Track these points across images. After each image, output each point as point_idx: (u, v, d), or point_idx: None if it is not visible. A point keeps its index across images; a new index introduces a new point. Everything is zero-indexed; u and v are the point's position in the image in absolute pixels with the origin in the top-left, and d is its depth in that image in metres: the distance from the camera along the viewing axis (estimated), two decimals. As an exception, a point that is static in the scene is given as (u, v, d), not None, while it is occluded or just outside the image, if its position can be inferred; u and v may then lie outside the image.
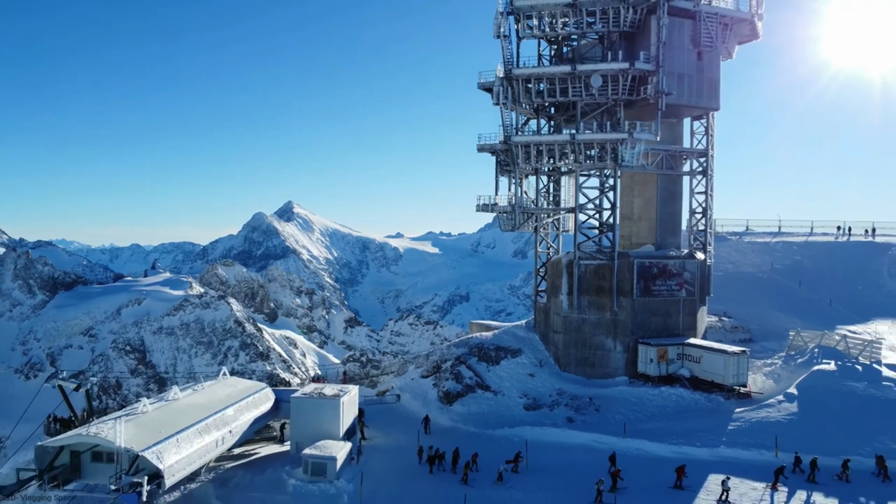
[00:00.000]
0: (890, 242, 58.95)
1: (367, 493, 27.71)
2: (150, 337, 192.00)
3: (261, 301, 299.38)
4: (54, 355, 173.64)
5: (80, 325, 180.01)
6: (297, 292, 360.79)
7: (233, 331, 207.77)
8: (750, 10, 41.44)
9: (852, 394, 33.73)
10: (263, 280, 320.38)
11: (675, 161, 43.06)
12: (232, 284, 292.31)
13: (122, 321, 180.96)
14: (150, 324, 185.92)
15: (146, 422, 26.08)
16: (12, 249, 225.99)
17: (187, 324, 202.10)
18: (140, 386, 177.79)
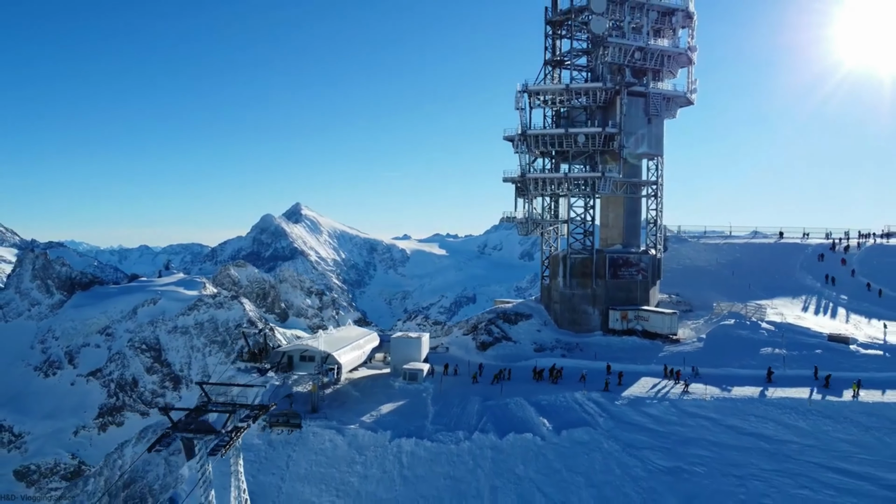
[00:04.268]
0: (808, 244, 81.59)
1: (440, 391, 50.14)
2: (165, 336, 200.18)
3: (272, 301, 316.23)
4: (72, 353, 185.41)
5: (97, 324, 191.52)
6: (308, 293, 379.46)
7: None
8: (686, 88, 64.40)
9: (738, 337, 56.25)
10: (275, 281, 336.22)
11: (636, 188, 66.04)
12: (244, 285, 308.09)
13: (137, 320, 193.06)
14: (166, 323, 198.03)
15: (326, 341, 48.67)
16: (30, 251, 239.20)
17: (201, 323, 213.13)
18: (156, 384, 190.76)
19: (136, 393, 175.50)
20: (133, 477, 51.56)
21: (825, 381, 46.87)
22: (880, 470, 39.97)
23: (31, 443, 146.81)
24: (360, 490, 40.58)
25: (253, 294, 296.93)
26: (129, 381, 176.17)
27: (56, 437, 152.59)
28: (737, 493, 39.14)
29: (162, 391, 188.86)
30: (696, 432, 43.11)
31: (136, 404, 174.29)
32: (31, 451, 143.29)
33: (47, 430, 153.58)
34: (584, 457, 41.25)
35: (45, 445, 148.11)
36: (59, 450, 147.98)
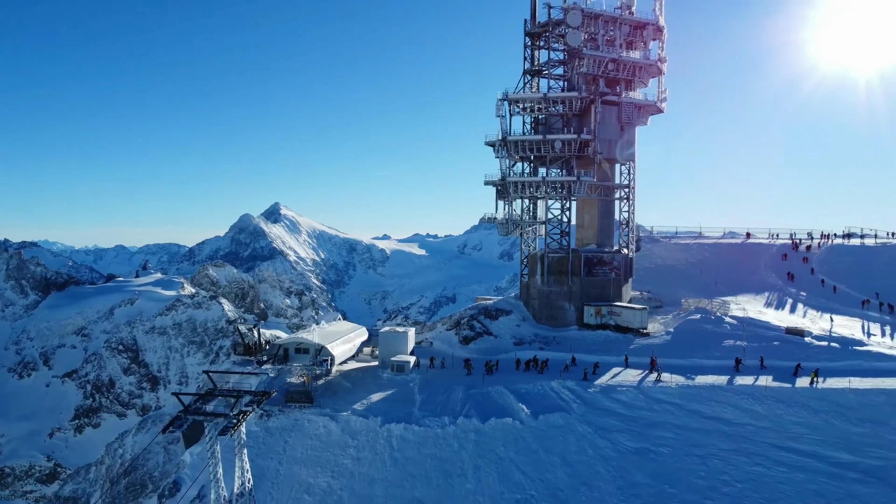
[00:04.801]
0: (773, 244, 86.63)
1: (425, 380, 53.73)
2: (142, 336, 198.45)
3: (251, 301, 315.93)
4: (48, 354, 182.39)
5: (73, 325, 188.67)
6: (287, 293, 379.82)
7: (224, 330, 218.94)
8: (657, 97, 68.80)
9: (704, 331, 60.69)
10: (254, 281, 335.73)
11: (609, 191, 70.29)
12: (223, 285, 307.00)
13: (114, 321, 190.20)
14: (143, 323, 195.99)
15: (320, 334, 52.02)
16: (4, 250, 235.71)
17: (179, 324, 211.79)
18: (133, 384, 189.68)
19: (112, 394, 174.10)
20: (134, 465, 54.50)
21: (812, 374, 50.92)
22: (826, 449, 44.32)
23: (6, 445, 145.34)
24: (353, 471, 44.04)
25: (232, 294, 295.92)
26: (106, 382, 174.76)
27: (31, 440, 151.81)
28: (698, 471, 43.20)
29: (139, 392, 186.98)
30: (662, 416, 47.25)
31: (112, 405, 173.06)
32: (5, 454, 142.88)
33: (22, 432, 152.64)
34: (560, 439, 45.14)
35: (20, 448, 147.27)
36: (34, 452, 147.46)
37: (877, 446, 44.16)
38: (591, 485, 42.14)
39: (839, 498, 40.66)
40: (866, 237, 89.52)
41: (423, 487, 42.39)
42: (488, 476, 42.73)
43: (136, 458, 53.57)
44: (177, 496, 45.87)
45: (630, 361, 55.06)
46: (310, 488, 43.62)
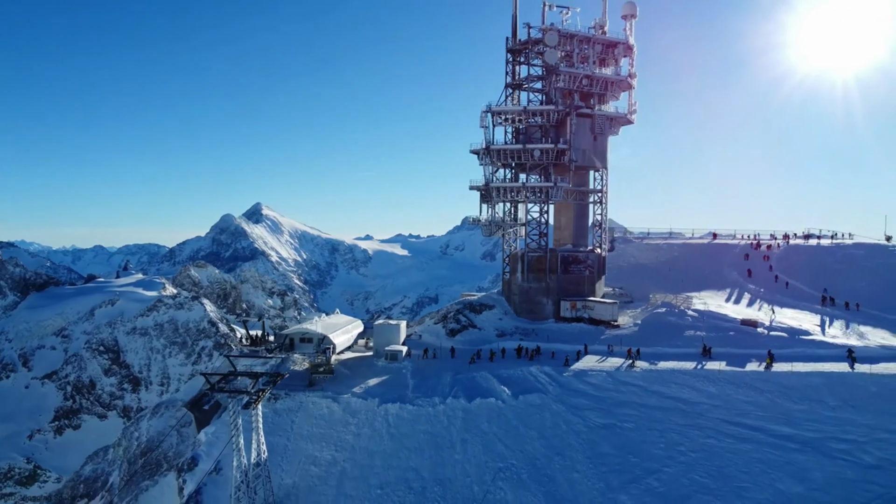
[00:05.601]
0: (736, 244, 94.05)
1: (417, 367, 59.91)
2: (123, 337, 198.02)
3: (233, 302, 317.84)
4: (27, 356, 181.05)
5: (52, 326, 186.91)
6: (270, 293, 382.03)
7: (207, 331, 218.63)
8: (627, 109, 75.72)
9: (668, 322, 67.52)
10: (236, 281, 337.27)
11: (584, 196, 77.05)
12: (205, 286, 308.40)
13: (95, 322, 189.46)
14: (124, 324, 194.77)
15: (322, 325, 57.94)
16: None
17: (161, 324, 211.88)
18: (114, 385, 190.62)
19: (93, 395, 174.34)
20: (149, 446, 59.93)
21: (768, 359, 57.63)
22: (770, 423, 51.08)
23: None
24: (354, 445, 50.11)
25: (214, 295, 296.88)
26: (87, 384, 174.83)
27: (10, 441, 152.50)
28: (657, 443, 49.78)
29: (121, 393, 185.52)
30: (628, 397, 53.86)
31: (93, 407, 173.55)
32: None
33: (1, 434, 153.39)
34: (537, 416, 51.54)
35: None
36: (13, 454, 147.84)
37: (813, 421, 51.01)
38: (564, 455, 48.57)
39: (779, 465, 47.34)
40: (823, 238, 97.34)
41: (417, 458, 48.56)
42: (474, 448, 49.01)
43: (150, 440, 59.15)
44: (195, 470, 51.62)
45: (597, 350, 61.81)
46: (316, 460, 49.64)
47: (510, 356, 62.19)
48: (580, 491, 45.87)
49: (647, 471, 47.16)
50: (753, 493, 45.25)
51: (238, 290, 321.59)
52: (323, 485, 47.79)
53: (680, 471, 47.14)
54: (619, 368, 57.39)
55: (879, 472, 46.24)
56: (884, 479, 45.75)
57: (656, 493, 45.54)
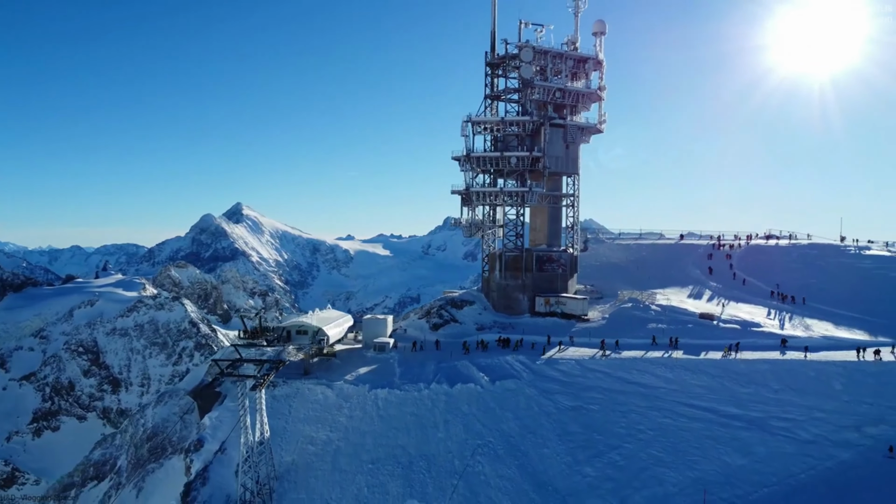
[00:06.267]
0: (701, 244, 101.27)
1: (403, 358, 65.84)
2: (103, 338, 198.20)
3: (215, 302, 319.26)
4: (4, 357, 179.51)
5: (30, 327, 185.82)
6: (251, 294, 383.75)
7: (188, 331, 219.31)
8: (597, 120, 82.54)
9: (633, 316, 74.21)
10: (217, 282, 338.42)
11: (557, 199, 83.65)
12: (186, 286, 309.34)
13: (74, 322, 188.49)
14: (104, 325, 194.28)
15: (317, 318, 63.65)
16: None
17: (141, 325, 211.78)
18: (93, 387, 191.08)
19: (72, 397, 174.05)
20: (155, 431, 65.05)
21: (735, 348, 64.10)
22: (721, 405, 57.53)
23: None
24: (347, 426, 55.91)
25: (195, 295, 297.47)
26: (66, 385, 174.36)
27: None
28: (619, 422, 56.06)
29: (100, 394, 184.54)
30: (594, 382, 60.18)
31: (72, 408, 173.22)
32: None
33: None
34: (512, 399, 57.68)
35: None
36: None
37: (758, 402, 57.59)
38: (536, 433, 54.71)
39: (726, 441, 53.73)
40: (783, 238, 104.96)
41: (405, 437, 54.50)
42: (455, 427, 55.06)
43: (155, 427, 64.42)
44: (201, 450, 57.11)
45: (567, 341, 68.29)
46: (312, 440, 55.40)
47: (494, 347, 68.41)
48: (550, 464, 51.94)
49: (609, 447, 53.28)
50: (703, 466, 51.45)
51: (219, 290, 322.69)
52: (319, 461, 53.53)
53: (639, 447, 53.27)
54: (594, 357, 63.62)
55: (814, 447, 52.73)
56: (817, 453, 52.27)
57: (617, 466, 51.69)
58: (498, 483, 50.37)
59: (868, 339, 68.98)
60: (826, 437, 53.44)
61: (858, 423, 54.35)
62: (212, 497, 52.57)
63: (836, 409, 56.11)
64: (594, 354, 64.47)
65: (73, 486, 72.50)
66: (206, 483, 53.37)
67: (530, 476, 50.79)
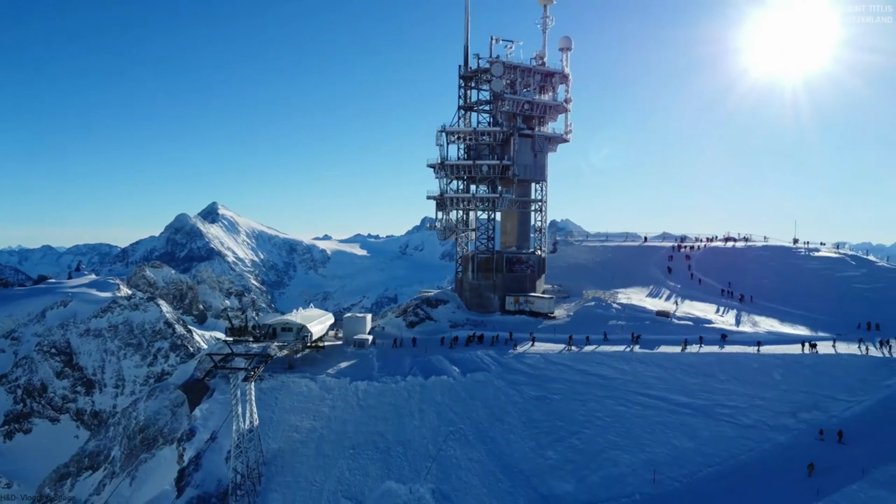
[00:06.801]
0: (662, 245, 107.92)
1: (381, 353, 71.07)
2: (76, 339, 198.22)
3: (190, 303, 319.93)
4: None
5: (1, 328, 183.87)
6: (227, 294, 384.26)
7: (163, 332, 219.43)
8: (564, 130, 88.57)
9: (595, 314, 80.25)
10: (193, 282, 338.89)
11: (526, 205, 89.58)
12: (161, 286, 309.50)
13: (46, 323, 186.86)
14: (77, 326, 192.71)
15: (301, 316, 68.58)
16: None
17: (116, 325, 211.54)
18: (66, 388, 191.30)
19: (45, 399, 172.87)
20: (147, 424, 69.36)
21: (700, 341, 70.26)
22: (671, 394, 63.51)
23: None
24: (330, 415, 61.03)
25: (170, 295, 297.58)
26: (38, 387, 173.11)
27: None
28: (579, 410, 61.81)
29: (73, 396, 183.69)
30: (557, 373, 65.92)
31: (45, 410, 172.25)
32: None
33: None
34: (482, 390, 63.21)
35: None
36: None
37: (705, 391, 63.63)
38: (504, 420, 60.28)
39: (675, 426, 59.63)
40: (739, 241, 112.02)
41: (383, 424, 59.78)
42: (429, 415, 60.47)
43: (147, 419, 68.86)
44: (193, 440, 61.82)
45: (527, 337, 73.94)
46: (297, 429, 60.43)
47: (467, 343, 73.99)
48: (516, 448, 57.52)
49: (570, 432, 58.95)
50: (653, 448, 57.28)
51: (195, 290, 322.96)
52: (304, 448, 58.61)
53: (596, 432, 58.97)
54: (562, 352, 69.27)
55: (753, 431, 58.84)
56: (756, 436, 58.38)
57: (577, 450, 57.36)
58: (468, 465, 55.84)
59: (810, 334, 75.58)
60: (765, 422, 59.40)
61: (794, 410, 60.32)
62: (204, 481, 57.38)
63: (775, 397, 62.07)
64: (561, 349, 70.20)
65: (68, 475, 76.52)
66: (199, 469, 58.17)
67: (498, 459, 56.27)
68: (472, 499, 52.82)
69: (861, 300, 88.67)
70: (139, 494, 64.24)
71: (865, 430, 56.80)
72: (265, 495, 54.91)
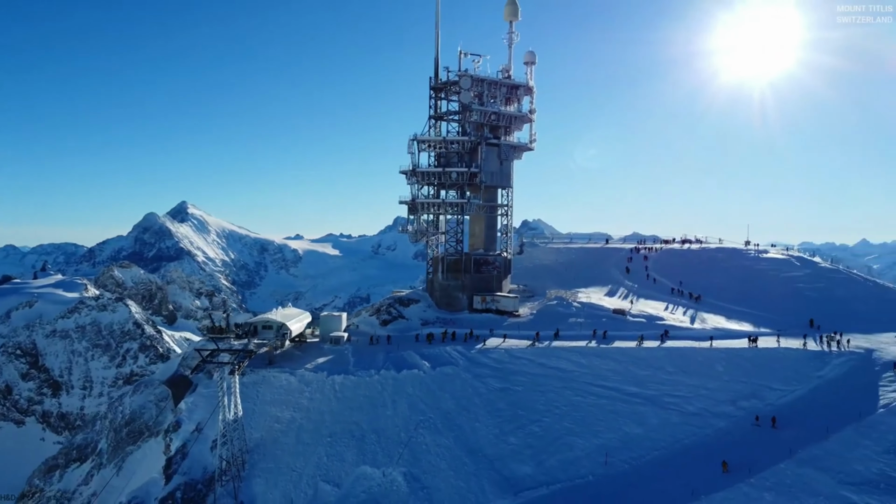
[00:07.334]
0: (622, 247, 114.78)
1: (356, 349, 76.25)
2: (42, 340, 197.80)
3: (160, 303, 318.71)
4: None
5: None
6: (197, 294, 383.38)
7: (132, 333, 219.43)
8: (529, 139, 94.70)
9: (557, 312, 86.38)
10: (162, 282, 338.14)
11: (493, 209, 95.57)
12: (129, 286, 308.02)
13: (11, 324, 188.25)
14: (43, 327, 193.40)
15: (281, 315, 73.42)
16: None
17: (83, 326, 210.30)
18: (32, 390, 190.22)
19: (9, 401, 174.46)
20: (132, 417, 73.36)
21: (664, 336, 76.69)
22: (624, 385, 69.50)
23: None
24: (308, 407, 65.99)
25: (139, 296, 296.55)
26: (2, 389, 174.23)
27: None
28: (539, 400, 67.51)
29: (39, 398, 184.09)
30: (519, 367, 71.66)
31: (9, 412, 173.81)
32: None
33: None
34: (450, 382, 68.71)
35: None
36: None
37: (655, 382, 69.80)
38: (470, 410, 65.82)
39: (626, 414, 65.56)
40: (695, 243, 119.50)
41: (358, 414, 64.95)
42: (401, 406, 65.81)
43: (133, 413, 73.01)
44: (179, 431, 66.30)
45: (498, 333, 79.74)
46: (278, 419, 65.29)
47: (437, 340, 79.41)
48: (481, 435, 63.03)
49: (530, 420, 64.55)
50: (606, 434, 63.10)
51: (164, 290, 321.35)
52: (284, 436, 63.51)
53: (554, 420, 64.61)
54: (523, 348, 74.98)
55: (697, 418, 65.04)
56: (699, 422, 64.58)
57: (536, 436, 63.02)
58: (437, 450, 61.25)
59: (753, 329, 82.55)
60: (707, 409, 65.63)
61: (734, 398, 66.71)
62: (190, 468, 61.94)
63: (717, 387, 68.41)
64: (528, 345, 75.92)
65: (57, 467, 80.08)
66: (186, 457, 62.67)
67: (464, 445, 61.73)
68: (441, 481, 58.18)
69: (803, 298, 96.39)
70: (126, 484, 68.43)
71: (796, 417, 63.34)
72: (249, 481, 59.73)
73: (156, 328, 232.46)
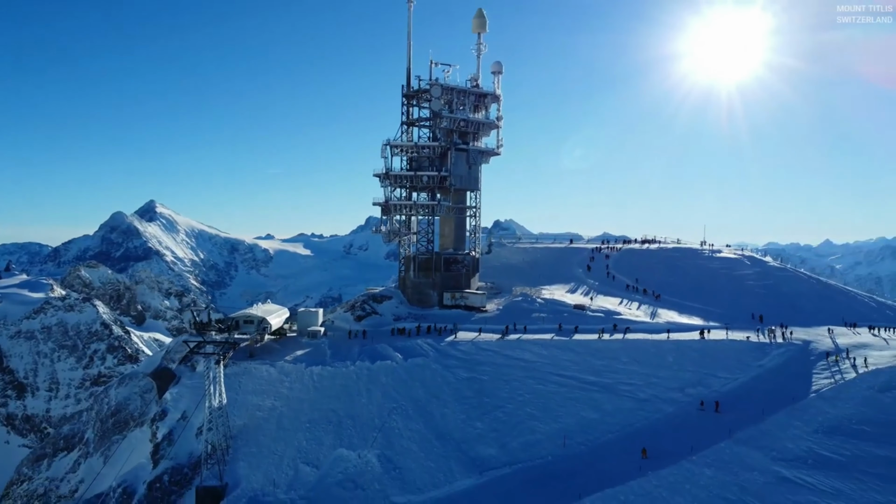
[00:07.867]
0: (586, 247, 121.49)
1: (332, 342, 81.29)
2: (6, 341, 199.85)
3: (128, 303, 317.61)
4: None
5: None
6: (167, 294, 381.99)
7: (99, 333, 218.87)
8: (496, 145, 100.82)
9: (521, 307, 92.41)
10: (130, 282, 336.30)
11: (462, 211, 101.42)
12: (97, 286, 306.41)
13: None
14: (7, 328, 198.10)
15: (261, 310, 78.18)
16: None
17: (49, 327, 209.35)
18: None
19: None
20: (118, 408, 77.27)
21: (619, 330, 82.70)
22: (581, 374, 75.38)
23: None
24: (288, 396, 70.83)
25: (106, 296, 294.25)
26: None
27: None
28: (504, 388, 73.01)
29: (3, 400, 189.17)
30: (485, 358, 77.27)
31: None
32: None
33: None
34: (421, 372, 73.99)
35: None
36: None
37: (610, 371, 75.81)
38: (439, 398, 71.17)
39: (584, 401, 71.31)
40: (654, 243, 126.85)
41: (335, 402, 69.96)
42: (375, 395, 71.01)
43: (118, 404, 77.11)
44: (165, 419, 70.74)
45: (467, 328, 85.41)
46: (260, 407, 70.01)
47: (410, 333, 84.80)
48: (449, 420, 68.37)
49: (495, 407, 69.95)
50: (565, 419, 68.79)
51: (133, 291, 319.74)
52: (266, 423, 68.24)
53: (517, 406, 70.04)
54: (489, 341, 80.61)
55: (648, 404, 71.07)
56: (650, 408, 70.62)
57: (500, 421, 68.60)
58: (409, 434, 66.48)
59: (703, 323, 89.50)
60: (657, 396, 71.77)
61: (682, 386, 73.05)
62: (177, 454, 66.47)
63: (667, 375, 74.69)
64: (498, 338, 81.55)
65: (45, 456, 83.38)
66: (172, 444, 67.16)
67: (433, 429, 66.92)
68: (412, 461, 63.42)
69: (751, 295, 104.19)
70: (113, 471, 72.57)
71: (737, 402, 69.80)
72: (233, 464, 64.37)
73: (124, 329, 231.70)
